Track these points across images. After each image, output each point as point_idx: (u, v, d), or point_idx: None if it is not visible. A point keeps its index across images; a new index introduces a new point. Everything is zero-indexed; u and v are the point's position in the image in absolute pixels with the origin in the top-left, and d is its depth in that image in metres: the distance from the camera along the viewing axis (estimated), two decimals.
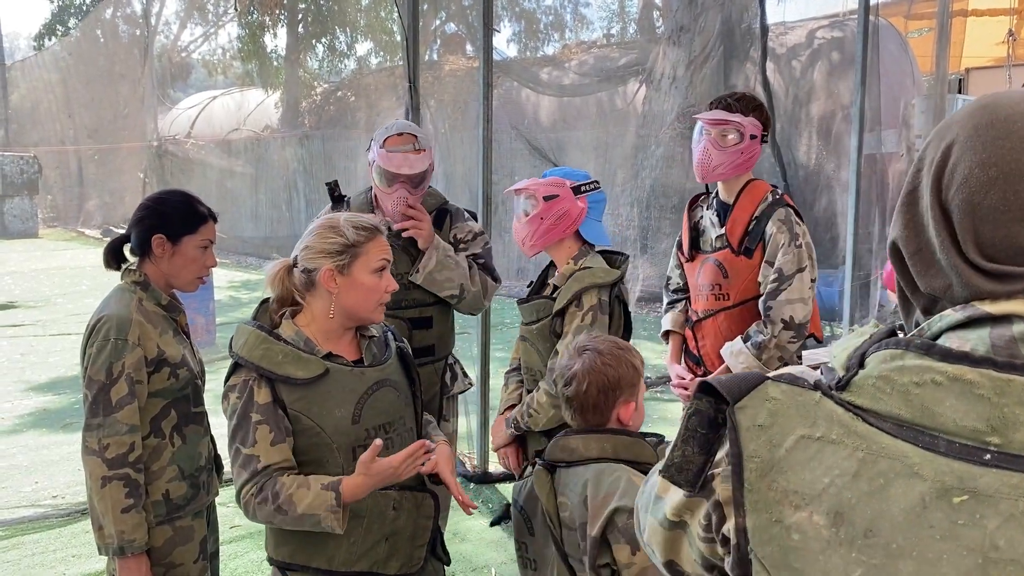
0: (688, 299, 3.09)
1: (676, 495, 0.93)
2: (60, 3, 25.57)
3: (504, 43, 19.31)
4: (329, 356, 1.94)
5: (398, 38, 15.06)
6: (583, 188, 2.69)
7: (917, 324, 0.89)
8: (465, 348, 5.00)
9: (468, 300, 2.97)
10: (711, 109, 2.86)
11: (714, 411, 0.88)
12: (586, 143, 10.40)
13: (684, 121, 9.58)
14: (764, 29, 8.41)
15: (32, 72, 24.70)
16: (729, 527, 0.85)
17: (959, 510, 0.73)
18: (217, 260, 2.46)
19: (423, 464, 1.91)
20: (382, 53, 16.91)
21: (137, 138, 18.89)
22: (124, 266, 2.38)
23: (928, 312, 0.86)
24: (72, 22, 25.07)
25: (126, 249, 2.40)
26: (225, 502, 4.31)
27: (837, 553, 0.77)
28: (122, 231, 2.45)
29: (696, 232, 3.01)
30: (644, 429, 1.98)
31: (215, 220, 2.42)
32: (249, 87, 18.68)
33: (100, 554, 2.25)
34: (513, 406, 2.77)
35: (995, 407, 0.74)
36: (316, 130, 14.56)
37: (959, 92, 10.38)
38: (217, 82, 23.19)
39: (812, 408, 0.82)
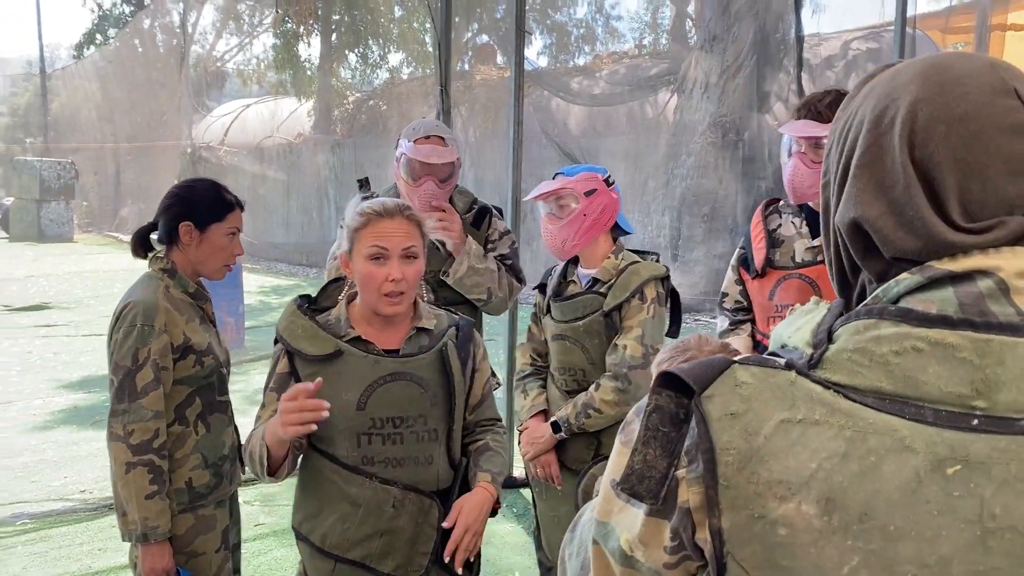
0: (753, 320, 2.63)
1: (631, 517, 0.83)
2: (100, 13, 26.11)
3: (535, 55, 19.35)
4: (357, 340, 1.92)
5: (430, 48, 15.17)
6: (610, 180, 2.65)
7: (862, 295, 0.84)
8: (492, 354, 4.99)
9: (494, 304, 2.94)
10: (799, 117, 2.41)
11: (675, 406, 0.79)
12: (617, 151, 10.36)
13: (716, 130, 9.52)
14: (800, 39, 8.35)
15: (71, 80, 25.24)
16: (703, 536, 0.77)
17: (953, 481, 0.70)
18: (243, 249, 2.45)
19: (312, 423, 1.70)
20: (414, 63, 17.01)
21: (173, 145, 19.17)
22: (151, 254, 2.39)
23: (882, 279, 0.80)
24: (111, 31, 25.58)
25: (153, 237, 2.41)
26: (250, 500, 4.33)
27: (831, 543, 0.71)
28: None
29: (771, 244, 2.57)
30: None
31: (242, 208, 2.43)
32: (282, 96, 18.88)
33: (123, 540, 2.24)
34: (544, 411, 2.69)
35: (977, 369, 0.70)
36: (348, 138, 14.67)
37: None
38: (251, 91, 23.48)
39: (788, 389, 0.76)
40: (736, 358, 0.81)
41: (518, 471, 4.77)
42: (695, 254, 9.08)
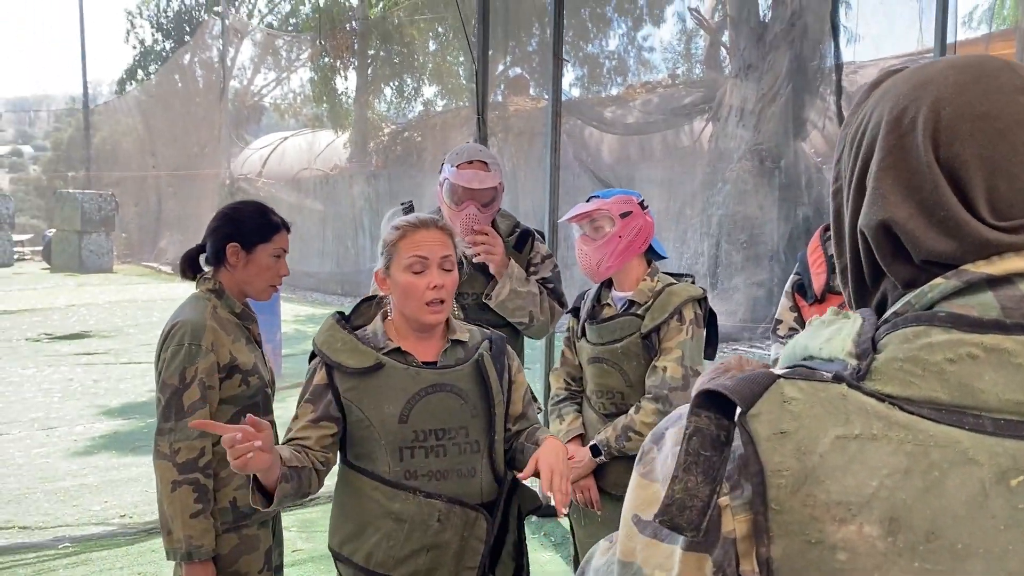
0: None
1: (662, 555, 0.77)
2: (143, 49, 26.81)
3: (567, 86, 19.46)
4: (397, 352, 1.93)
5: (463, 81, 15.36)
6: (645, 204, 2.65)
7: (882, 304, 0.81)
8: (529, 381, 4.95)
9: (536, 328, 2.92)
10: None
11: (716, 427, 0.73)
12: (652, 178, 10.35)
13: (753, 158, 9.48)
14: (839, 67, 8.31)
15: (113, 115, 25.87)
16: (748, 568, 0.72)
17: (1017, 493, 0.66)
18: (289, 270, 2.47)
19: (251, 455, 1.56)
20: (448, 96, 17.21)
21: (212, 177, 19.51)
22: (199, 275, 2.42)
23: (910, 285, 0.77)
24: (152, 67, 26.24)
25: (202, 259, 2.44)
26: (288, 526, 4.32)
27: (896, 565, 0.67)
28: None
29: (831, 269, 2.62)
30: None
31: (288, 230, 2.44)
32: (319, 128, 19.19)
33: (168, 559, 2.24)
34: (581, 436, 2.67)
35: None
36: (383, 168, 14.85)
37: None
38: (288, 124, 23.89)
39: (840, 403, 0.71)
40: (778, 371, 0.76)
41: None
42: (733, 282, 9.01)
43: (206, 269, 2.43)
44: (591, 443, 2.56)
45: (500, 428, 2.01)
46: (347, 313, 2.08)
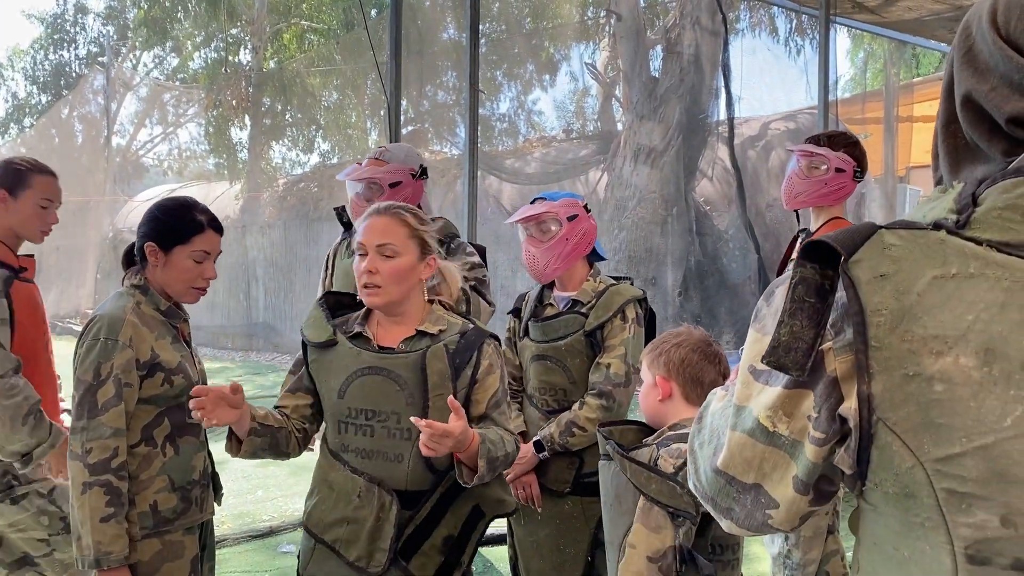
0: None
1: (769, 395, 0.83)
2: (15, 102, 25.66)
3: (460, 144, 19.73)
4: (357, 335, 2.03)
5: (356, 132, 15.32)
6: (588, 207, 2.71)
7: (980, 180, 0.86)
8: None
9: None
10: (805, 142, 3.00)
11: (820, 276, 0.80)
12: None
13: (646, 206, 9.80)
14: (730, 120, 8.80)
15: None
16: (848, 404, 0.77)
17: None
18: (216, 273, 2.35)
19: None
20: (346, 147, 17.16)
21: (93, 233, 18.67)
22: (126, 271, 2.30)
23: (1010, 153, 0.83)
24: (27, 121, 25.10)
25: None
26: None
27: (992, 394, 0.70)
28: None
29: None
30: None
31: (218, 231, 2.32)
32: (209, 180, 18.71)
33: (78, 567, 2.07)
34: (523, 433, 2.66)
35: None
36: (277, 219, 14.57)
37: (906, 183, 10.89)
38: (173, 180, 23.23)
39: (939, 247, 0.76)
40: (881, 223, 0.81)
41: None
42: None
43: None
44: (534, 439, 2.54)
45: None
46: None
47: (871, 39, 14.02)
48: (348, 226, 3.02)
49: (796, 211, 3.10)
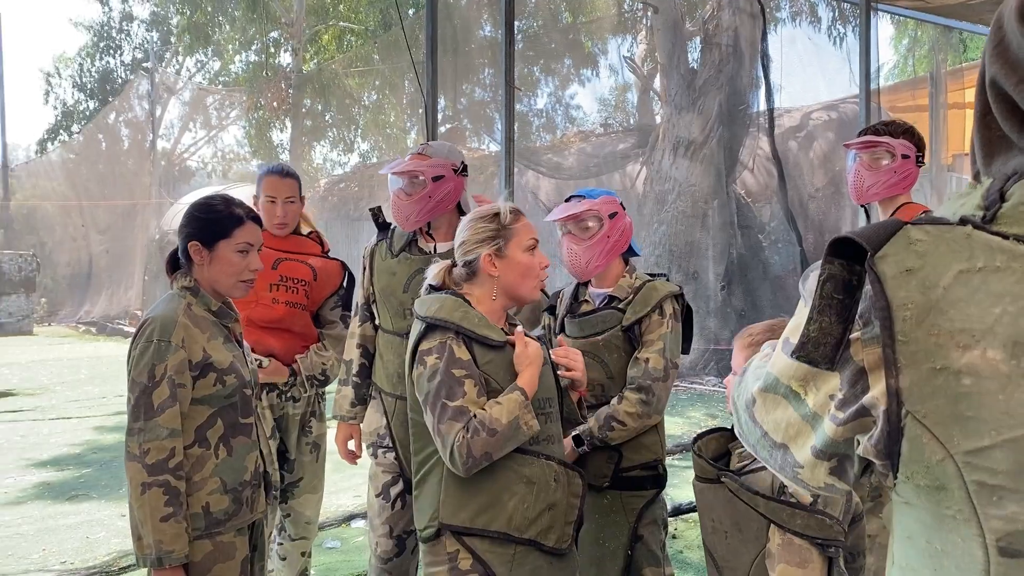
0: None
1: (801, 367, 0.86)
2: (64, 109, 26.23)
3: (499, 139, 19.72)
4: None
5: (397, 131, 15.43)
6: (623, 203, 2.73)
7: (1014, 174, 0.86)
8: None
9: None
10: (861, 134, 2.93)
11: (848, 272, 0.81)
12: None
13: (686, 200, 9.72)
14: (770, 111, 8.70)
15: (34, 176, 25.09)
16: (874, 395, 0.78)
17: None
18: (262, 264, 2.39)
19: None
20: (384, 147, 17.28)
21: (140, 235, 19.05)
22: (175, 273, 2.35)
23: None
24: (75, 127, 25.66)
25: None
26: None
27: (1020, 387, 0.70)
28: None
29: None
30: None
31: (257, 222, 2.36)
32: (254, 182, 18.97)
33: (138, 565, 2.13)
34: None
35: None
36: (319, 219, 14.77)
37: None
38: (218, 181, 23.57)
39: (964, 242, 0.77)
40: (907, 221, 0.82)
41: None
42: None
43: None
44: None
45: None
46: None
47: (915, 25, 13.74)
48: (383, 227, 3.03)
49: (864, 206, 3.03)
